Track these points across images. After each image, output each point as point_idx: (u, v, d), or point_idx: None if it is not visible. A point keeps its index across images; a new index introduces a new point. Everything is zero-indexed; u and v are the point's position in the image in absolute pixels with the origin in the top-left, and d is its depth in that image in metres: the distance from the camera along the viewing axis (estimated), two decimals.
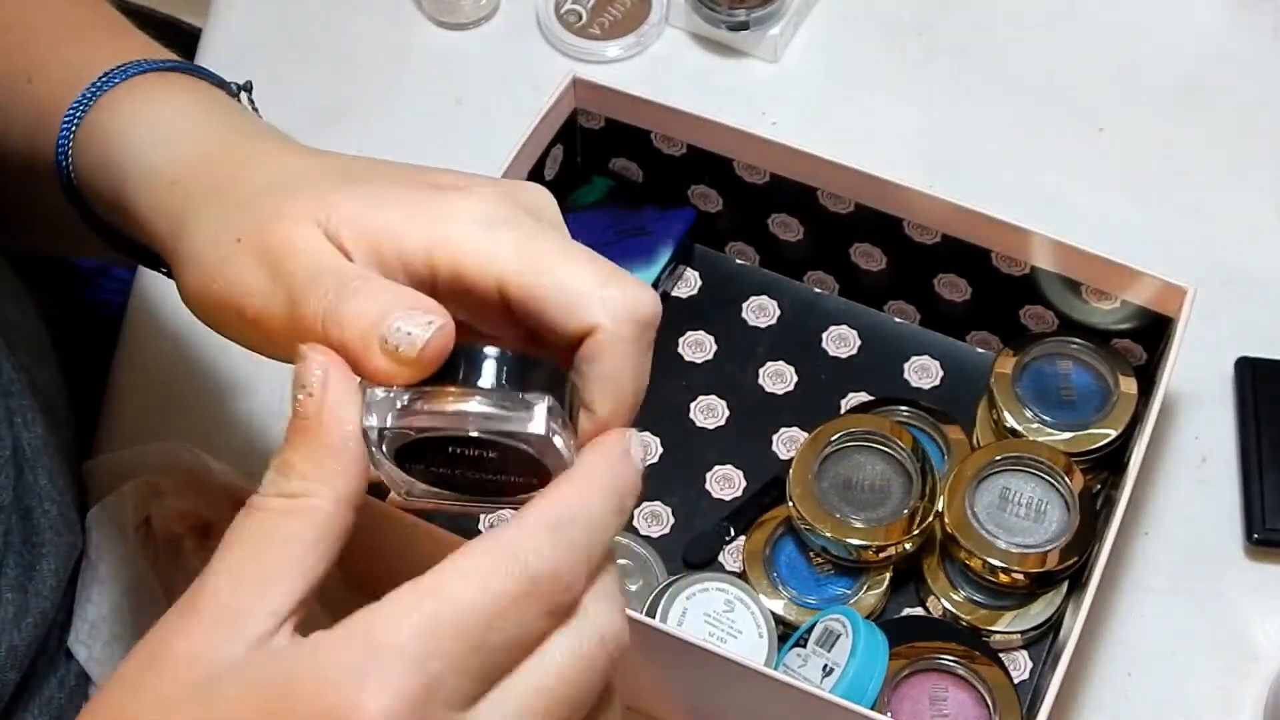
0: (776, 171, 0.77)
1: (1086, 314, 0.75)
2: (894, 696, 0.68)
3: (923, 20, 0.95)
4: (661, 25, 0.94)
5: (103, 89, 0.52)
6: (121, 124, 0.51)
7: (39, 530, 0.59)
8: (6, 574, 0.56)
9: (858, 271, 0.80)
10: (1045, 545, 0.70)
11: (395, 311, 0.40)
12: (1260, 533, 0.74)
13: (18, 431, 0.58)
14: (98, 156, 0.51)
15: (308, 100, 0.92)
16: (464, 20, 0.95)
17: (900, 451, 0.73)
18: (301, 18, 0.96)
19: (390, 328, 0.40)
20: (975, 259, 0.75)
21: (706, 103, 0.77)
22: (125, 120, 0.51)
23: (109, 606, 0.64)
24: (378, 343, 0.40)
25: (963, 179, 0.87)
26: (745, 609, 0.70)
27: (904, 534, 0.70)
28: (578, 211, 0.82)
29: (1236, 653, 0.72)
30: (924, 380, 0.80)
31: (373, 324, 0.41)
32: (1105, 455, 0.73)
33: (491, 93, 0.92)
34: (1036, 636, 0.72)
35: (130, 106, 0.51)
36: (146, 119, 0.51)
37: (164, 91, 0.52)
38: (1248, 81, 0.92)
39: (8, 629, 0.56)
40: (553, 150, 0.79)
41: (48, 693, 0.62)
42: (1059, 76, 0.92)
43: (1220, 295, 0.81)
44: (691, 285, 0.84)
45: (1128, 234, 0.85)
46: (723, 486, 0.77)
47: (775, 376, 0.81)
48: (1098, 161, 0.89)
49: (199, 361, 0.80)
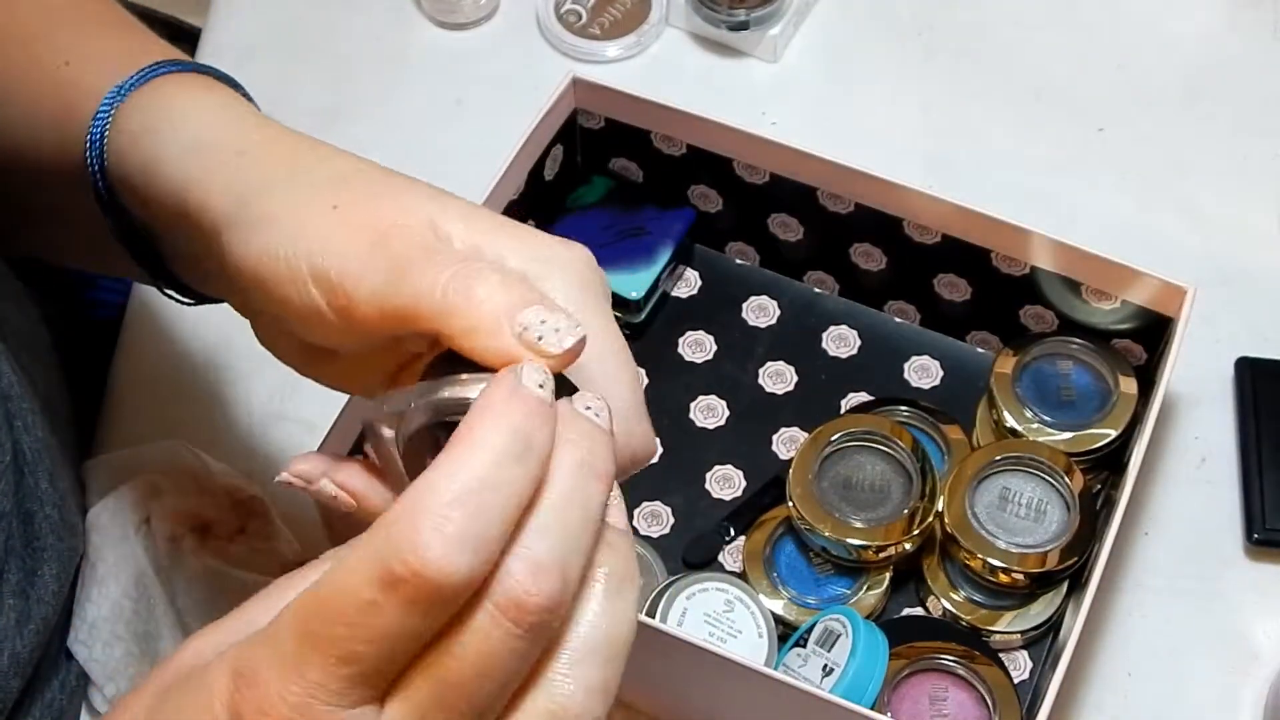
0: (776, 171, 0.77)
1: (1086, 314, 0.75)
2: (894, 696, 0.68)
3: (923, 20, 0.95)
4: (661, 25, 0.94)
5: (152, 75, 0.52)
6: (174, 103, 0.51)
7: (40, 535, 0.59)
8: (8, 580, 0.56)
9: (858, 271, 0.80)
10: (1045, 545, 0.70)
11: (535, 306, 0.41)
12: (1260, 533, 0.74)
13: (18, 435, 0.58)
14: (138, 132, 0.51)
15: (308, 100, 0.92)
16: (464, 20, 0.95)
17: (900, 451, 0.73)
18: (301, 18, 0.96)
19: (535, 320, 0.40)
20: (975, 259, 0.75)
21: (706, 103, 0.77)
22: (179, 101, 0.51)
23: (109, 606, 0.64)
24: (512, 326, 0.40)
25: (963, 179, 0.87)
26: (745, 609, 0.70)
27: (904, 534, 0.70)
28: (578, 211, 0.82)
29: (1236, 653, 0.72)
30: (924, 380, 0.80)
31: (509, 306, 0.41)
32: (1105, 455, 0.73)
33: (491, 93, 0.92)
34: (1036, 636, 0.72)
35: (181, 92, 0.52)
36: (199, 103, 0.51)
37: (202, 87, 0.53)
38: (1248, 81, 0.92)
39: (10, 636, 0.56)
40: (553, 150, 0.79)
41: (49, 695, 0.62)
42: (1059, 76, 0.92)
43: (1220, 295, 0.81)
44: (691, 285, 0.84)
45: (1128, 234, 0.85)
46: (723, 486, 0.77)
47: (775, 376, 0.81)
48: (1098, 161, 0.89)
49: (199, 361, 0.80)
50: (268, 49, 0.94)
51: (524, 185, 0.77)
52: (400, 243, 0.43)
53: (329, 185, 0.46)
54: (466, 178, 0.77)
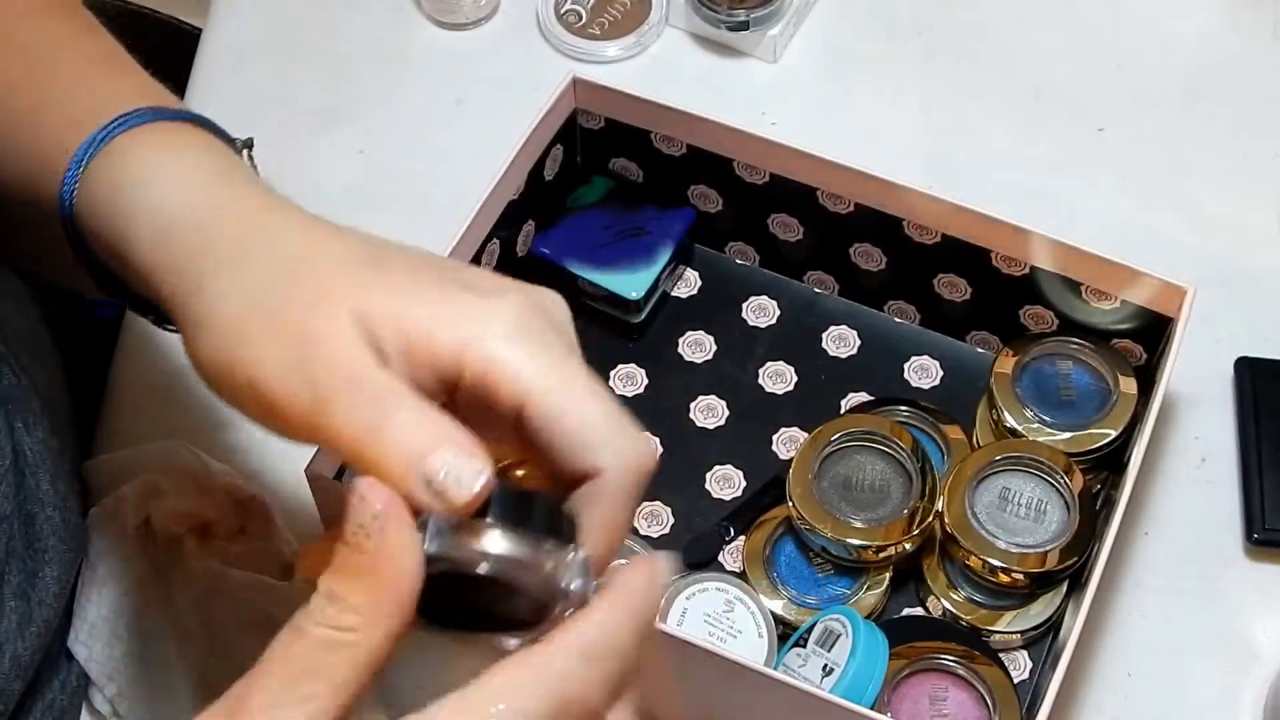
0: (776, 171, 0.77)
1: (1086, 314, 0.75)
2: (894, 696, 0.68)
3: (923, 20, 0.95)
4: (661, 25, 0.94)
5: (113, 133, 0.51)
6: (131, 171, 0.50)
7: (41, 536, 0.59)
8: (9, 582, 0.56)
9: (858, 271, 0.80)
10: (1045, 545, 0.70)
11: (443, 449, 0.41)
12: (1260, 533, 0.74)
13: (18, 438, 0.58)
14: (103, 201, 0.50)
15: (308, 100, 0.92)
16: (464, 20, 0.95)
17: (900, 451, 0.73)
18: (301, 18, 0.96)
19: (437, 468, 0.41)
20: (975, 259, 0.75)
21: (706, 103, 0.77)
22: (135, 168, 0.50)
23: (109, 607, 0.64)
24: (418, 475, 0.41)
25: (963, 179, 0.87)
26: (745, 609, 0.70)
27: (904, 534, 0.70)
28: (578, 211, 0.82)
29: (1236, 653, 0.72)
30: (924, 380, 0.80)
31: (416, 456, 0.41)
32: (1105, 455, 0.73)
33: (491, 93, 0.92)
34: (1036, 636, 0.72)
35: (140, 154, 0.51)
36: (157, 168, 0.50)
37: (174, 142, 0.51)
38: (1248, 81, 0.92)
39: (12, 638, 0.56)
40: (553, 150, 0.79)
41: (50, 695, 0.62)
42: (1059, 76, 0.92)
43: (1220, 295, 0.81)
44: (691, 285, 0.84)
45: (1128, 234, 0.85)
46: (723, 486, 0.77)
47: (775, 376, 0.81)
48: (1098, 161, 0.89)
49: None
50: (268, 49, 0.94)
51: (524, 185, 0.77)
52: (321, 368, 0.43)
53: (260, 286, 0.46)
54: (466, 178, 0.77)
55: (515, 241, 0.79)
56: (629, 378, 0.80)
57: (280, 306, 0.45)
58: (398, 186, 0.88)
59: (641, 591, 0.41)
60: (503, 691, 0.39)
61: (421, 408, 0.42)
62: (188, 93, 0.92)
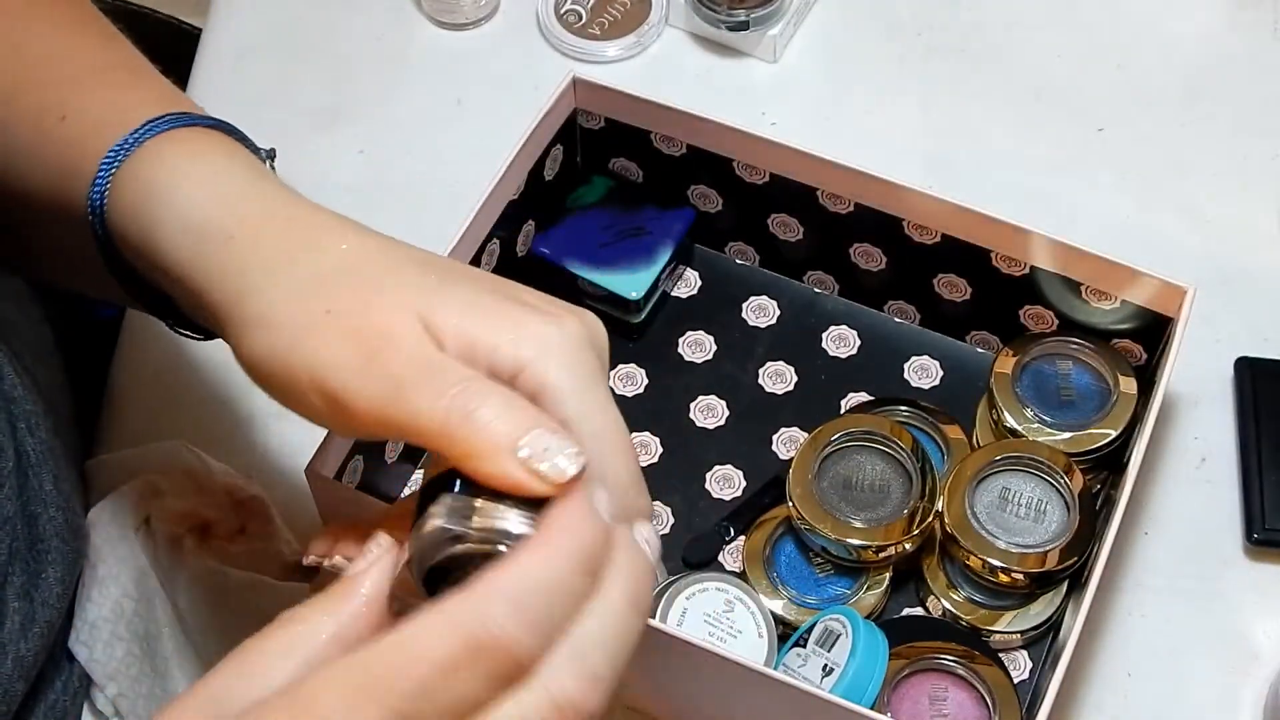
0: (776, 171, 0.77)
1: (1086, 314, 0.75)
2: (894, 696, 0.68)
3: (923, 20, 0.95)
4: (661, 25, 0.94)
5: (146, 136, 0.51)
6: (165, 174, 0.50)
7: (44, 537, 0.59)
8: (12, 583, 0.56)
9: (858, 271, 0.80)
10: (1045, 545, 0.70)
11: (538, 432, 0.42)
12: (1260, 533, 0.74)
13: (21, 438, 0.58)
14: (134, 204, 0.50)
15: (308, 100, 0.92)
16: (464, 20, 0.95)
17: (900, 451, 0.73)
18: (301, 18, 0.96)
19: (539, 448, 0.42)
20: (975, 259, 0.75)
21: (706, 103, 0.77)
22: (168, 170, 0.50)
23: (109, 607, 0.64)
24: (510, 454, 0.42)
25: (963, 179, 0.87)
26: (745, 609, 0.70)
27: (904, 534, 0.70)
28: (578, 211, 0.82)
29: (1236, 653, 0.72)
30: (924, 380, 0.80)
31: (509, 435, 0.42)
32: (1105, 455, 0.73)
33: (491, 93, 0.92)
34: (1036, 636, 0.72)
35: (174, 158, 0.51)
36: (192, 172, 0.50)
37: (206, 147, 0.51)
38: (1248, 81, 0.92)
39: (15, 639, 0.56)
40: (553, 150, 0.79)
41: (52, 696, 0.62)
42: (1058, 76, 0.92)
43: (1220, 295, 0.81)
44: (691, 285, 0.84)
45: (1127, 234, 0.85)
46: (723, 486, 0.77)
47: (775, 376, 0.81)
48: (1097, 161, 0.89)
49: (199, 361, 0.80)
50: (268, 49, 0.94)
51: (524, 185, 0.77)
52: (397, 360, 0.44)
53: (319, 285, 0.46)
54: (466, 178, 0.77)
55: (515, 241, 0.79)
56: (629, 378, 0.80)
57: (344, 305, 0.46)
58: (398, 186, 0.88)
59: (568, 529, 0.41)
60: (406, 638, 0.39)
61: (508, 394, 0.43)
62: (188, 93, 0.91)
